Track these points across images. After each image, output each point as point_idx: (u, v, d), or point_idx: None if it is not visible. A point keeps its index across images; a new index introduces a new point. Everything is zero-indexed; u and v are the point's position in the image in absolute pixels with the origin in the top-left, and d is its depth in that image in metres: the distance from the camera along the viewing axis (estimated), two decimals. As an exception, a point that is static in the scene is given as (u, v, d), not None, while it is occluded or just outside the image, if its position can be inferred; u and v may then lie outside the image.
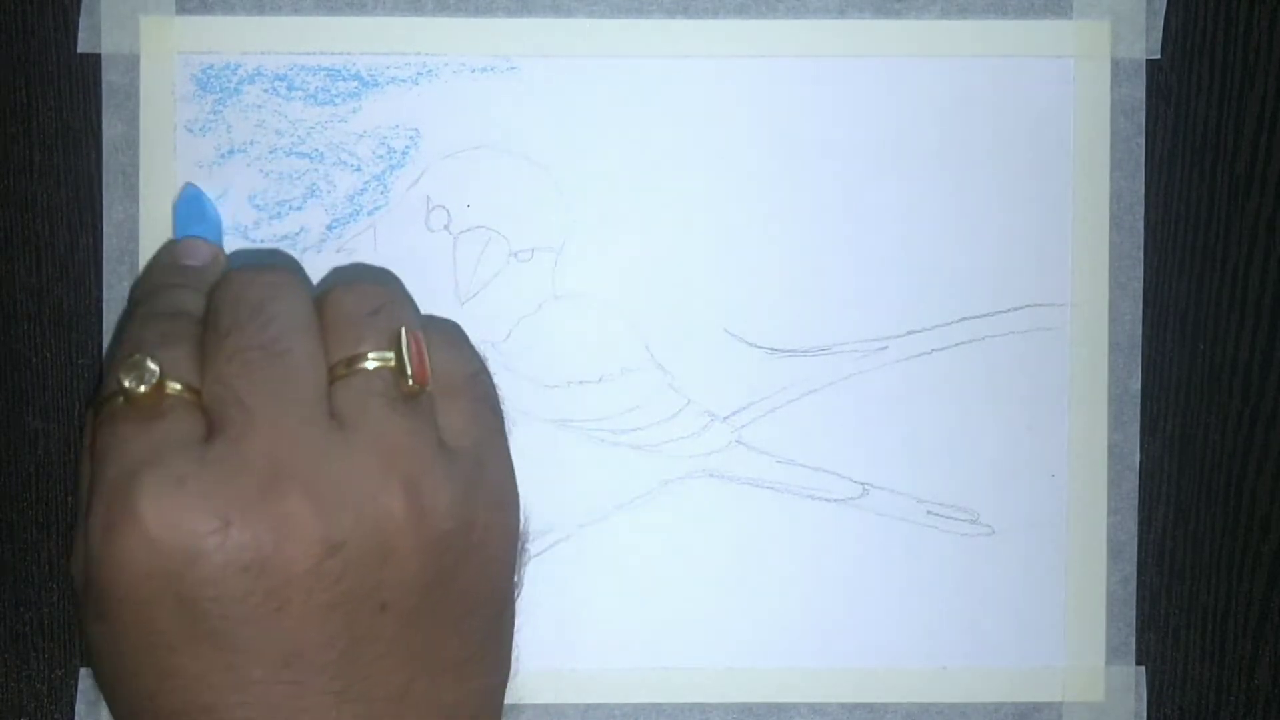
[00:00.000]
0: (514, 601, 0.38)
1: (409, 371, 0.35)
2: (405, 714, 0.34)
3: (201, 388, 0.34)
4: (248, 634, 0.33)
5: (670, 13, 0.45)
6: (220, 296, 0.36)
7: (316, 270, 0.45)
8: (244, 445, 0.33)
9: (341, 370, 0.35)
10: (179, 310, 0.37)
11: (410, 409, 0.35)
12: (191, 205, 0.44)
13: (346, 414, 0.34)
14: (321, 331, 0.36)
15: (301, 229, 0.45)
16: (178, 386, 0.34)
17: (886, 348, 0.45)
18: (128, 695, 0.34)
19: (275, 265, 0.37)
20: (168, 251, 0.42)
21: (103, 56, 0.44)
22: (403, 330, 0.36)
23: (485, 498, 0.36)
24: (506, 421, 0.39)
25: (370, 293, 0.37)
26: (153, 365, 0.34)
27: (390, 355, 0.35)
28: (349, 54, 0.45)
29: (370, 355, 0.35)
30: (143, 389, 0.34)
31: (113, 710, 0.35)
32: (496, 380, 0.44)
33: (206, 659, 0.33)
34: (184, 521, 0.32)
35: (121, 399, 0.34)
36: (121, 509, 0.33)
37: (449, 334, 0.38)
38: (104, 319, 0.44)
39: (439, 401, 0.36)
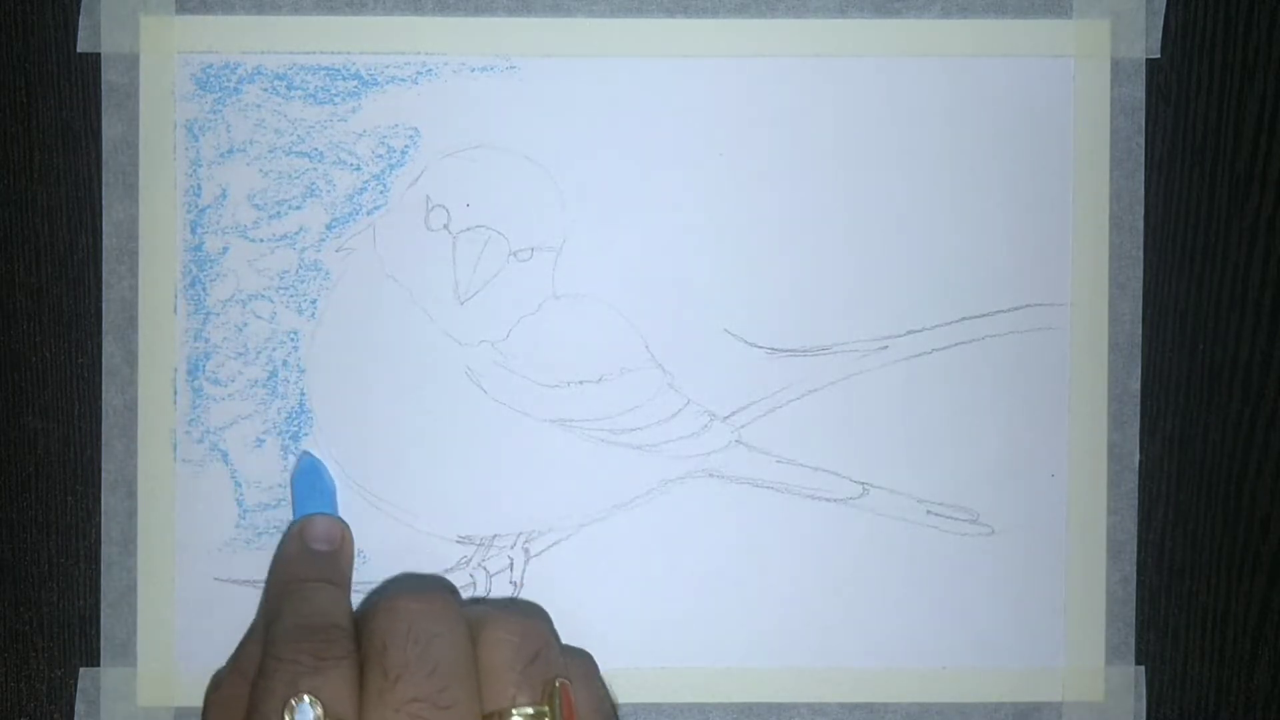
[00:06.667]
0: None
1: None
2: None
3: None
4: None
5: (670, 13, 0.45)
6: (385, 628, 0.36)
7: (316, 270, 0.45)
8: None
9: None
10: (329, 621, 0.37)
11: None
12: (310, 477, 0.44)
13: None
14: (478, 672, 0.36)
15: (301, 228, 0.45)
16: None
17: (886, 348, 0.45)
18: None
19: (434, 592, 0.38)
20: (296, 538, 0.42)
21: (103, 56, 0.44)
22: (556, 684, 0.36)
23: None
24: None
25: (526, 636, 0.37)
26: (318, 711, 0.34)
27: (543, 710, 0.36)
28: (349, 54, 0.45)
29: (523, 710, 0.36)
30: None
31: None
32: (497, 380, 0.45)
33: None
34: None
35: None
36: None
37: (585, 669, 0.39)
38: (103, 319, 0.44)
39: None
